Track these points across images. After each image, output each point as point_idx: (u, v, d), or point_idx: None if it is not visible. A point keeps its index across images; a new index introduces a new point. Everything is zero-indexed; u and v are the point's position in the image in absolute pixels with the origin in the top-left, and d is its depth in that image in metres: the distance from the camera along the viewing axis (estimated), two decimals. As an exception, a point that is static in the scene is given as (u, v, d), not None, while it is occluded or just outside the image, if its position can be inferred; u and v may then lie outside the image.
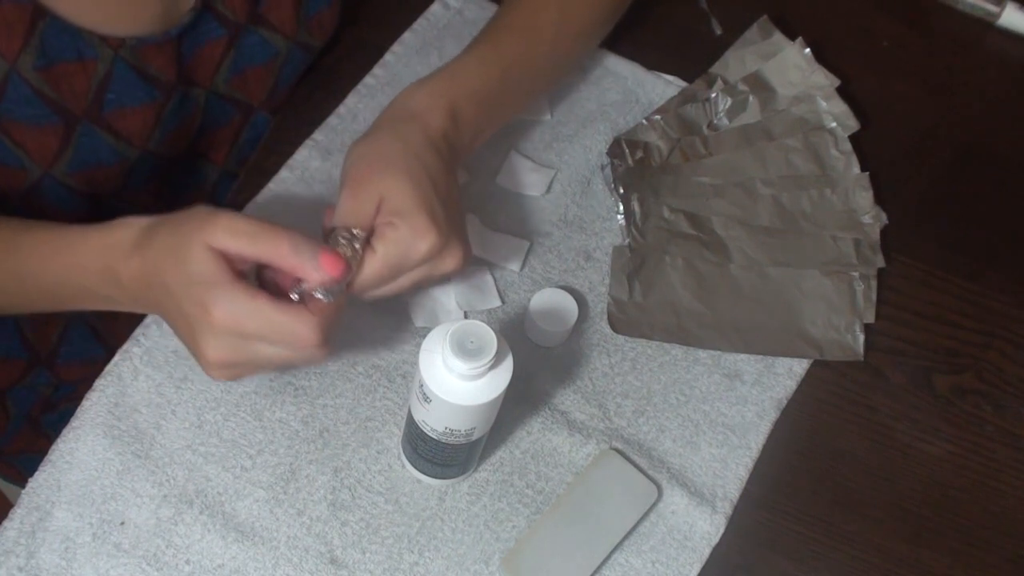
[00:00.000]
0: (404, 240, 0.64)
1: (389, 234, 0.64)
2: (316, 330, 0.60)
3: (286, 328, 0.59)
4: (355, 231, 0.64)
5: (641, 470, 0.73)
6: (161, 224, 0.62)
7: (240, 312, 0.59)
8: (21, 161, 0.70)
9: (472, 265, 0.79)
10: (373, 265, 0.64)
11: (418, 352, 0.62)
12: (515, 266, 0.80)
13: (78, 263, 0.64)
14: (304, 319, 0.60)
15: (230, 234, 0.59)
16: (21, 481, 0.70)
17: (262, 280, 0.63)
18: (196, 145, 0.84)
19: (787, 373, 0.79)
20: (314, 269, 0.60)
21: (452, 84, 0.72)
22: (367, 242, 0.64)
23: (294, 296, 0.61)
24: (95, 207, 0.78)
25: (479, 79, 0.73)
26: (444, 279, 0.68)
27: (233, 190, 0.83)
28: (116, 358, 0.73)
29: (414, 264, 0.65)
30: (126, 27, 0.69)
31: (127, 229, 0.63)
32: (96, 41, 0.68)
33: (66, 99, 0.69)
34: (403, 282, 0.67)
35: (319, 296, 0.61)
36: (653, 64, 0.90)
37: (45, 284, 0.66)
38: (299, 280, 0.61)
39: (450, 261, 0.66)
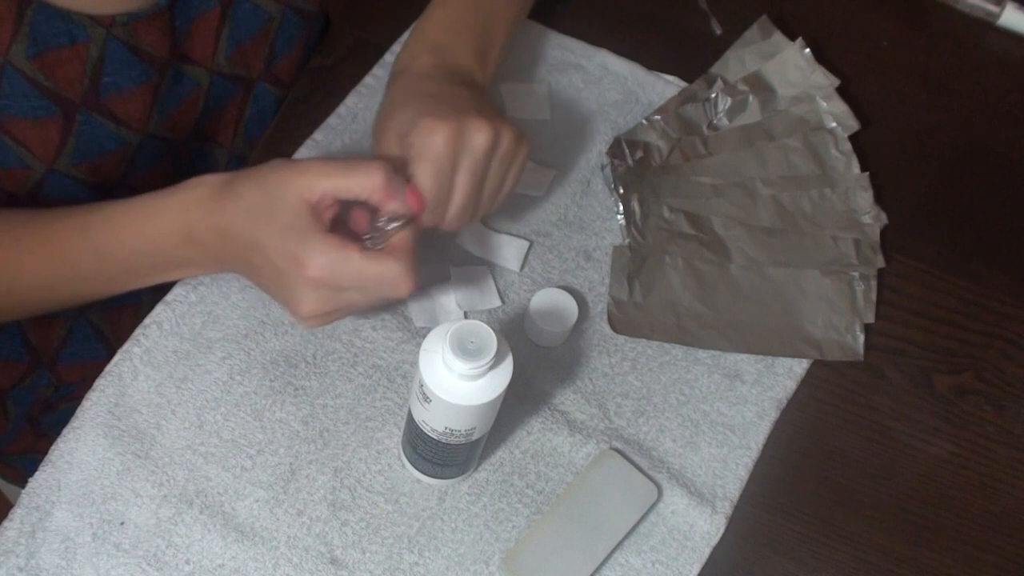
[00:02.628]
0: (419, 142, 0.65)
1: (411, 153, 0.65)
2: (407, 273, 0.63)
3: (380, 276, 0.62)
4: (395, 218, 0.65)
5: (641, 470, 0.73)
6: (243, 179, 0.63)
7: (334, 265, 0.61)
8: (23, 160, 0.70)
9: (472, 265, 0.79)
10: (422, 179, 0.65)
11: (418, 352, 0.62)
12: (515, 266, 0.80)
13: (155, 229, 0.66)
14: (393, 266, 0.62)
15: (323, 176, 0.61)
16: (22, 481, 0.70)
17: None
18: (202, 128, 0.84)
19: (787, 373, 0.79)
20: (402, 203, 0.63)
21: (424, 24, 0.76)
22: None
23: (369, 239, 0.64)
24: (101, 197, 0.77)
25: (445, 9, 0.76)
26: (510, 159, 0.69)
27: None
28: (116, 358, 0.73)
29: (444, 153, 0.65)
30: (114, 3, 0.69)
31: (203, 187, 0.65)
32: (87, 22, 0.68)
33: (62, 87, 0.69)
34: (463, 180, 0.66)
35: (392, 227, 0.64)
36: (653, 64, 0.90)
37: (122, 257, 0.67)
38: (376, 214, 0.64)
39: (479, 134, 0.65)
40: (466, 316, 0.78)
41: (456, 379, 0.60)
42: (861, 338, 0.81)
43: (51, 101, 0.69)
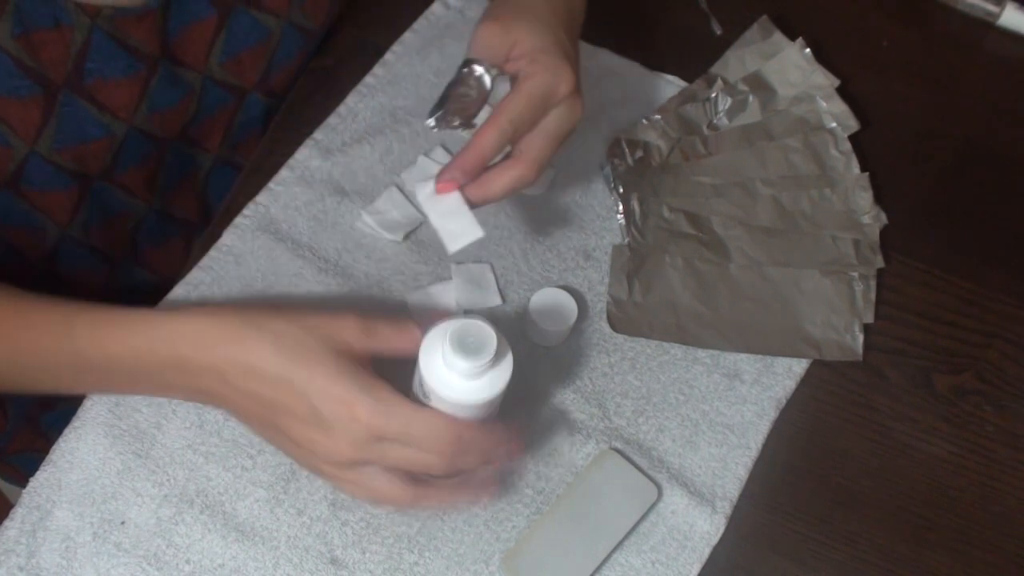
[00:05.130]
0: (548, 77, 0.66)
1: (532, 69, 0.66)
2: (451, 430, 0.60)
3: (427, 431, 0.60)
4: (488, 68, 0.66)
5: (641, 470, 0.73)
6: (268, 317, 0.62)
7: (386, 410, 0.59)
8: (6, 138, 0.70)
9: (472, 263, 0.79)
10: (518, 100, 0.65)
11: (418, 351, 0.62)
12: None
13: (142, 345, 0.63)
14: (443, 421, 0.60)
15: (369, 336, 0.62)
16: (22, 481, 0.70)
17: None
18: (191, 133, 0.84)
19: (786, 373, 0.79)
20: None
21: None
22: (496, 79, 0.66)
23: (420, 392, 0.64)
24: (85, 190, 0.77)
25: None
26: (565, 136, 0.70)
27: (233, 190, 0.83)
28: (116, 358, 0.73)
29: (555, 102, 0.67)
30: None
31: (205, 319, 0.62)
32: (72, 8, 0.68)
33: (46, 68, 0.69)
34: (541, 139, 0.67)
35: None
36: (653, 64, 0.90)
37: (100, 364, 0.64)
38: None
39: (577, 108, 0.68)
40: (466, 315, 0.77)
41: (456, 377, 0.60)
42: (860, 338, 0.81)
43: (34, 82, 0.68)
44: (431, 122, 0.65)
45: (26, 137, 0.70)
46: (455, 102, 0.66)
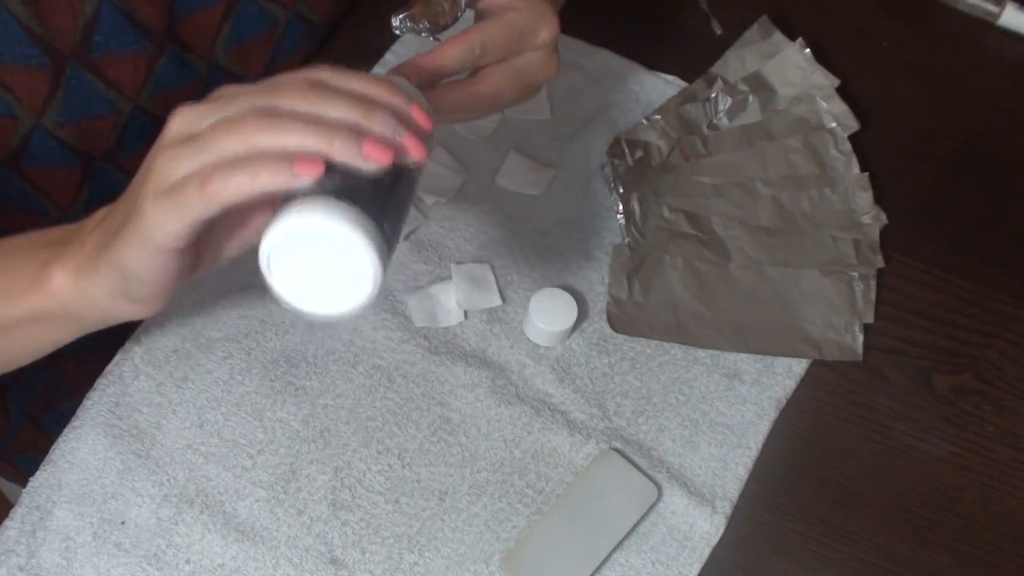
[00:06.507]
0: (532, 16, 0.63)
1: (518, 4, 0.63)
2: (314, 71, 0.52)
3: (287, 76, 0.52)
4: None
5: (641, 470, 0.73)
6: None
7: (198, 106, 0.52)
8: (11, 108, 0.70)
9: (472, 263, 0.79)
10: (495, 24, 0.62)
11: (418, 353, 0.62)
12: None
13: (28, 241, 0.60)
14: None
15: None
16: (23, 480, 0.71)
17: None
18: None
19: (786, 373, 0.79)
20: None
21: None
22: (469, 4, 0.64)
23: None
24: (88, 170, 0.77)
25: None
26: (527, 97, 0.66)
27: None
28: (117, 357, 0.74)
29: (532, 45, 0.64)
30: None
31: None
32: None
33: (54, 37, 0.69)
34: (507, 73, 0.64)
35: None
36: (653, 64, 0.90)
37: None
38: None
39: (553, 64, 0.65)
40: (466, 316, 0.78)
41: None
42: (860, 338, 0.81)
43: (42, 51, 0.69)
44: (395, 21, 0.62)
45: (32, 109, 0.70)
46: (425, 4, 0.63)
